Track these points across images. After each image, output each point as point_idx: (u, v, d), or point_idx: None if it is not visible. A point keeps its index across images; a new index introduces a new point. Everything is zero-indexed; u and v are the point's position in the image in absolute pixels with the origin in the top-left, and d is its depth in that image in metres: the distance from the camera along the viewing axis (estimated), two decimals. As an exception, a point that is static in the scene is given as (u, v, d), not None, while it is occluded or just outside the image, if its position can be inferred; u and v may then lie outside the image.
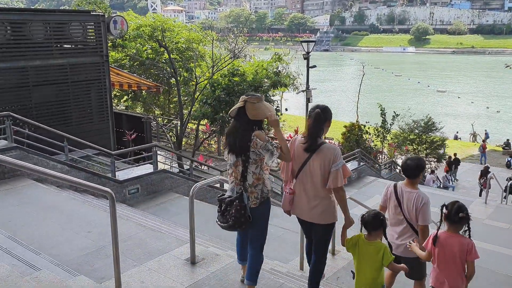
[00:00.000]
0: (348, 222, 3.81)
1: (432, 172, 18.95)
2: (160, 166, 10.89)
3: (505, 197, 15.95)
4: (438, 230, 3.67)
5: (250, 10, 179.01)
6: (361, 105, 38.12)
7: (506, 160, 25.59)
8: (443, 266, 3.60)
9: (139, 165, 10.11)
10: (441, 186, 18.53)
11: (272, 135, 4.19)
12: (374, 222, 3.66)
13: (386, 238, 4.00)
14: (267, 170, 3.74)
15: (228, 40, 21.01)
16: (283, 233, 7.57)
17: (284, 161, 3.82)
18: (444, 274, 3.63)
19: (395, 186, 4.25)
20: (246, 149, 3.58)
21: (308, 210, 3.83)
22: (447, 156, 21.53)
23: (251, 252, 3.88)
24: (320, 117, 3.72)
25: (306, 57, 16.75)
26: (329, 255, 6.58)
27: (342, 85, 67.48)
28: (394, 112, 21.44)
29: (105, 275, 4.33)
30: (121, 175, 9.28)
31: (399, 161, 21.26)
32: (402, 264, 3.93)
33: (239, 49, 18.79)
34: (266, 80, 15.66)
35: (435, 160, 21.56)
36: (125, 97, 20.23)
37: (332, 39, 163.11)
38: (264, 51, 57.94)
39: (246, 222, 3.64)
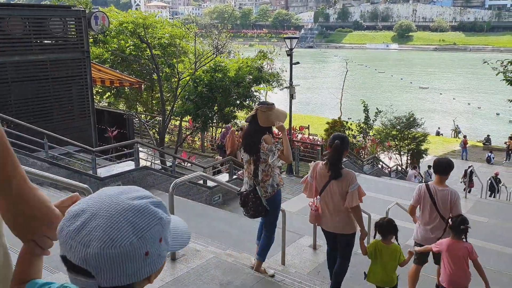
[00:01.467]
0: (364, 234, 4.45)
1: (414, 167, 19.20)
2: (142, 163, 10.83)
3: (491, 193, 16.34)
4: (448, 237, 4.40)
5: (234, 6, 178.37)
6: (345, 101, 38.39)
7: (487, 156, 26.06)
8: (452, 267, 4.26)
9: (120, 162, 10.04)
10: (423, 181, 18.79)
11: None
12: (389, 228, 4.26)
13: (397, 240, 4.41)
14: (276, 168, 4.34)
15: (212, 36, 20.96)
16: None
17: (284, 161, 4.56)
18: (453, 273, 4.26)
19: (427, 187, 4.88)
20: (257, 150, 4.23)
21: (332, 223, 4.45)
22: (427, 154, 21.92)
23: (264, 234, 4.61)
24: (339, 148, 4.27)
25: (290, 54, 16.76)
26: (310, 250, 6.69)
27: (326, 81, 67.84)
28: (377, 108, 21.65)
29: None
30: (103, 172, 9.21)
31: (382, 157, 21.52)
32: (408, 252, 4.43)
33: (223, 45, 18.74)
34: (249, 76, 15.66)
35: (417, 156, 21.88)
36: (108, 94, 20.04)
37: (316, 36, 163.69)
38: (249, 48, 57.95)
39: (264, 210, 4.37)
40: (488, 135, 32.43)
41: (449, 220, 4.39)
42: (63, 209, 1.00)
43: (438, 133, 35.44)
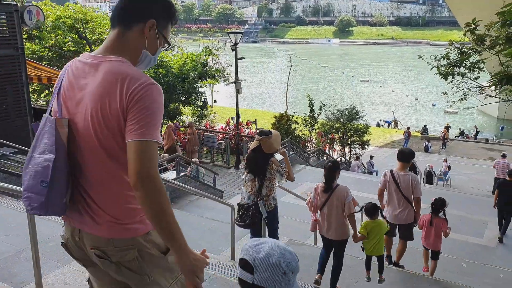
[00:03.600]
0: (356, 235, 5.39)
1: (357, 158, 19.82)
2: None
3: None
4: (431, 215, 6.02)
5: (176, 0, 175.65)
6: (290, 96, 38.97)
7: (424, 145, 27.39)
8: (434, 235, 5.97)
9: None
10: (365, 171, 19.45)
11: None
12: (374, 210, 5.36)
13: (383, 217, 5.63)
14: (275, 185, 5.25)
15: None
16: (215, 225, 7.60)
17: (289, 180, 5.36)
18: (434, 240, 6.01)
19: (391, 172, 5.96)
20: (264, 171, 5.07)
21: (330, 232, 5.29)
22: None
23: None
24: (331, 168, 5.25)
25: (234, 49, 16.75)
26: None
27: (271, 76, 68.45)
28: (321, 102, 22.12)
29: (25, 279, 4.11)
30: (42, 174, 8.79)
31: (327, 149, 22.04)
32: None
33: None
34: (193, 72, 15.49)
35: (360, 147, 22.60)
36: (46, 92, 19.16)
37: (260, 31, 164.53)
38: (193, 43, 57.27)
39: (258, 222, 5.13)
40: (425, 125, 34.09)
41: (432, 202, 5.95)
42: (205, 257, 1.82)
43: (378, 125, 36.82)
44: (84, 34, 14.82)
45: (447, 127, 30.59)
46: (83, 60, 1.77)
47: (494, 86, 5.48)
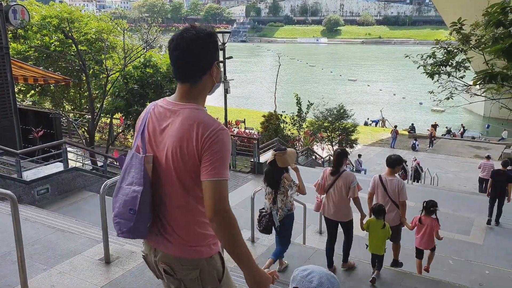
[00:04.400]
0: (363, 216, 5.91)
1: (346, 157, 19.90)
2: (72, 164, 10.37)
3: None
4: (421, 215, 6.41)
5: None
6: (279, 95, 39.01)
7: (412, 143, 27.60)
8: (426, 235, 6.33)
9: (48, 164, 9.54)
10: (354, 169, 19.54)
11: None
12: (380, 210, 5.78)
13: (384, 219, 5.84)
14: (291, 197, 5.66)
15: (142, 31, 20.41)
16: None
17: (301, 193, 5.77)
18: (426, 240, 6.35)
19: (380, 177, 6.28)
20: (278, 185, 5.52)
21: (335, 213, 5.88)
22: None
23: (279, 247, 5.82)
24: (340, 154, 5.87)
25: (222, 48, 16.72)
26: (248, 243, 6.75)
27: (260, 76, 68.43)
28: (308, 101, 22.17)
29: (11, 282, 4.06)
30: (29, 175, 8.70)
31: (315, 148, 22.12)
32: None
33: (153, 39, 18.30)
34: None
35: (348, 146, 22.69)
36: (32, 92, 18.92)
37: (248, 30, 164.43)
38: (181, 42, 56.83)
39: (271, 230, 5.66)
40: (412, 124, 34.36)
41: (424, 202, 6.36)
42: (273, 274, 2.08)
43: (366, 123, 37.03)
44: (70, 34, 14.65)
45: (434, 126, 30.86)
46: (164, 106, 2.07)
47: (479, 85, 5.52)
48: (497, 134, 32.47)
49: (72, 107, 20.14)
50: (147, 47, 15.76)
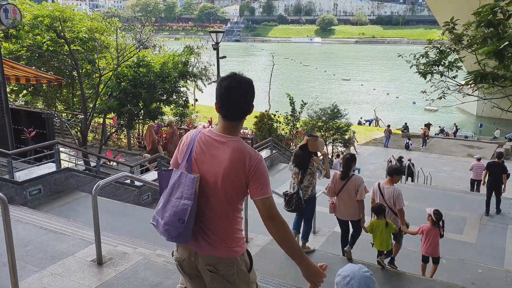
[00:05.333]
0: (363, 220, 6.45)
1: (338, 156, 19.94)
2: (65, 164, 10.30)
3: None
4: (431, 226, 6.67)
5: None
6: (273, 94, 39.02)
7: (405, 142, 27.69)
8: (431, 242, 6.65)
9: (40, 165, 9.47)
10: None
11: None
12: (380, 209, 6.21)
13: (385, 218, 6.30)
14: (315, 180, 6.46)
15: (136, 30, 20.30)
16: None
17: (326, 177, 6.58)
18: (434, 247, 6.70)
19: (378, 185, 6.64)
20: (307, 166, 6.31)
21: (345, 213, 6.52)
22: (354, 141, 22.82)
23: (304, 226, 6.70)
24: (349, 160, 6.47)
25: (216, 48, 16.71)
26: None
27: (253, 75, 68.33)
28: (302, 101, 22.18)
29: (2, 284, 4.02)
30: (21, 176, 8.64)
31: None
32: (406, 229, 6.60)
33: (146, 39, 18.21)
34: (175, 71, 15.34)
35: (342, 145, 22.74)
36: (24, 92, 18.76)
37: (242, 30, 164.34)
38: (175, 41, 56.85)
39: (302, 207, 6.30)
40: (406, 123, 34.48)
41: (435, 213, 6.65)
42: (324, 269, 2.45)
43: (359, 123, 37.12)
44: (62, 34, 14.55)
45: (428, 125, 31.00)
46: (211, 136, 2.51)
47: (470, 85, 5.54)
48: (489, 133, 32.67)
49: (64, 107, 20.01)
50: (141, 46, 15.67)
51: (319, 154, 6.67)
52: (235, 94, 2.45)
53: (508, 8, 4.77)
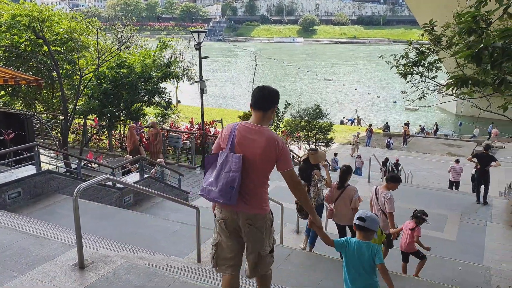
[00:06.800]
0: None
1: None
2: (45, 166, 10.14)
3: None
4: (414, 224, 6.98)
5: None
6: (255, 94, 38.96)
7: (386, 141, 28.01)
8: (411, 239, 6.90)
9: (19, 167, 9.30)
10: (330, 168, 19.72)
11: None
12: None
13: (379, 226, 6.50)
14: (320, 190, 7.12)
15: (116, 29, 20.08)
16: (180, 227, 7.53)
17: (328, 186, 7.09)
18: (409, 243, 6.95)
19: (375, 189, 7.09)
20: (310, 179, 7.01)
21: (343, 219, 7.03)
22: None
23: (312, 232, 7.33)
24: (345, 172, 7.02)
25: (198, 48, 16.61)
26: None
27: (236, 75, 68.34)
28: (285, 101, 22.25)
29: (-20, 291, 3.95)
30: (0, 178, 8.47)
31: (292, 147, 22.20)
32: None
33: (128, 39, 18.03)
34: (155, 72, 15.23)
35: (324, 144, 22.88)
36: (2, 92, 18.40)
37: (225, 29, 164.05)
38: (156, 41, 56.45)
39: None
40: (387, 122, 34.87)
41: (415, 211, 7.06)
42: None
43: (342, 122, 37.39)
44: (41, 34, 14.31)
45: (407, 124, 31.40)
46: (248, 126, 3.42)
47: (451, 90, 5.64)
48: (469, 132, 33.27)
49: (44, 108, 19.70)
50: (122, 47, 15.50)
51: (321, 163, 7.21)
52: (266, 93, 3.47)
53: (489, 16, 4.88)
